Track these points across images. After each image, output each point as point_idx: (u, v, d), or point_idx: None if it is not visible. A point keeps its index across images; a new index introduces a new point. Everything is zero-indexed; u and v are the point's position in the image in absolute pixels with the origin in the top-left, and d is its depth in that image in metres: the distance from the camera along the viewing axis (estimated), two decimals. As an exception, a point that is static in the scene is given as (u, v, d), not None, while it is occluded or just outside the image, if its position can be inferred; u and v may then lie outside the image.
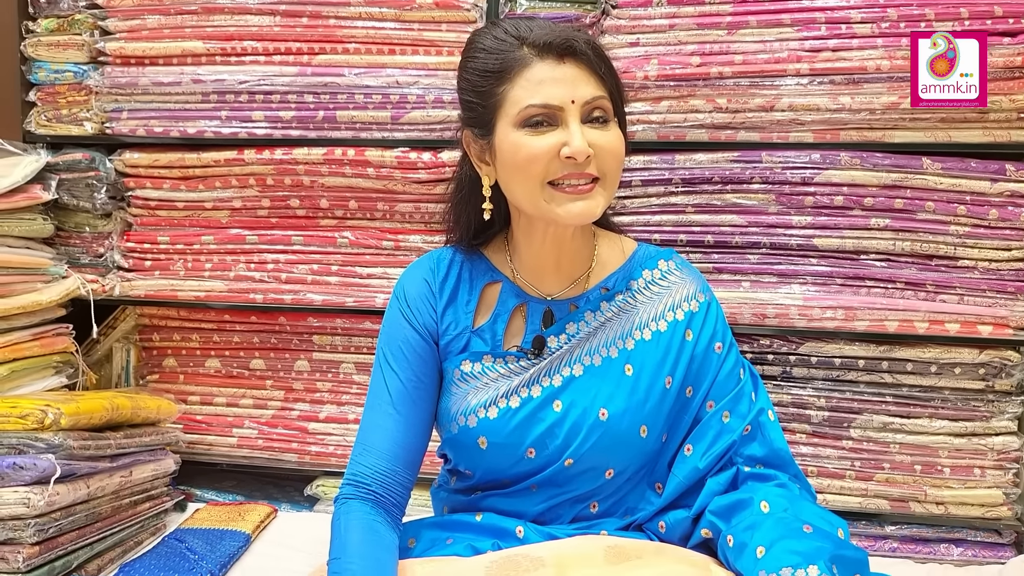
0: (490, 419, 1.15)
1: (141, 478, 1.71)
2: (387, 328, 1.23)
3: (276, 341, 2.01)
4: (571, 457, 1.14)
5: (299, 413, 2.01)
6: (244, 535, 1.71)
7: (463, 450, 1.18)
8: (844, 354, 1.74)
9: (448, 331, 1.20)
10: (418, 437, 1.19)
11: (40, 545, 1.43)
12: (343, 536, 1.11)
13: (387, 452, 1.16)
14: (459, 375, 1.18)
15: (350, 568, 1.06)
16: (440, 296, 1.21)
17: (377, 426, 1.17)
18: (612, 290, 1.21)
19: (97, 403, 1.60)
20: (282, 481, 2.09)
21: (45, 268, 1.86)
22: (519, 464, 1.16)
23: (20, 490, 1.41)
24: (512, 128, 1.10)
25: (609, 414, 1.14)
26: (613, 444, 1.14)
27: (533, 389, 1.16)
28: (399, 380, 1.18)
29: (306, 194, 1.91)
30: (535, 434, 1.14)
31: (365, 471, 1.16)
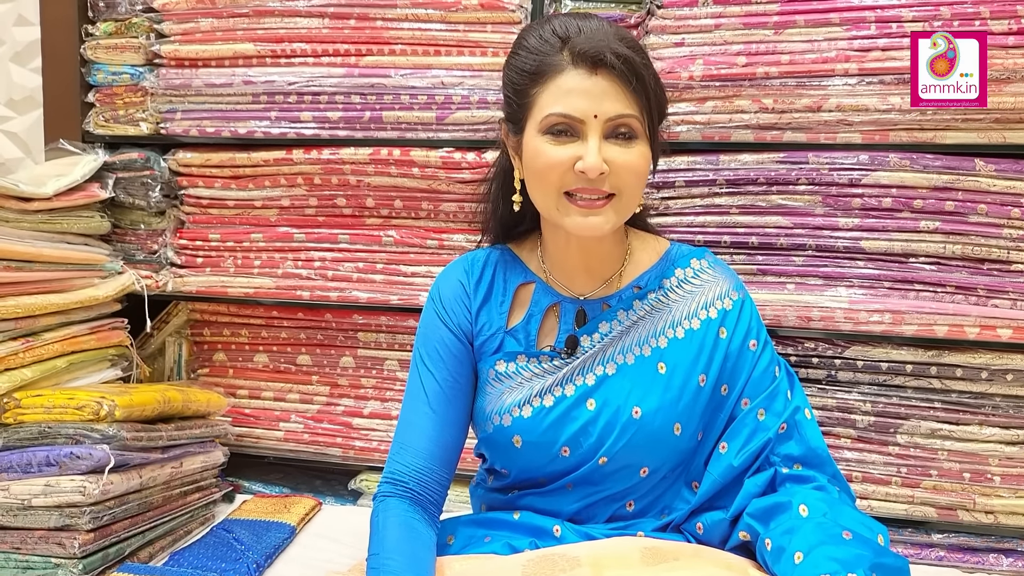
0: (524, 418, 1.16)
1: (191, 469, 1.76)
2: (423, 329, 1.25)
3: (322, 337, 2.05)
4: (605, 455, 1.15)
5: (344, 408, 2.04)
6: (289, 527, 1.75)
7: (498, 449, 1.19)
8: (891, 359, 1.71)
9: (483, 331, 1.22)
10: (454, 436, 1.21)
11: (95, 532, 1.48)
12: (381, 533, 1.13)
13: (424, 451, 1.17)
14: (493, 375, 1.20)
15: (388, 564, 1.08)
16: (475, 297, 1.23)
17: (414, 425, 1.19)
18: (645, 289, 1.22)
19: (149, 396, 1.65)
20: (327, 475, 2.13)
21: (102, 264, 1.91)
22: (554, 463, 1.17)
23: (76, 479, 1.46)
24: (536, 132, 1.11)
25: (643, 412, 1.15)
26: (647, 442, 1.15)
27: (567, 388, 1.17)
28: (435, 380, 1.20)
29: (352, 193, 1.94)
30: (569, 433, 1.15)
31: (403, 469, 1.17)
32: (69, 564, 1.45)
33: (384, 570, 1.07)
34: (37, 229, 1.75)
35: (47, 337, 1.72)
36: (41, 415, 1.53)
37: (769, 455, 1.16)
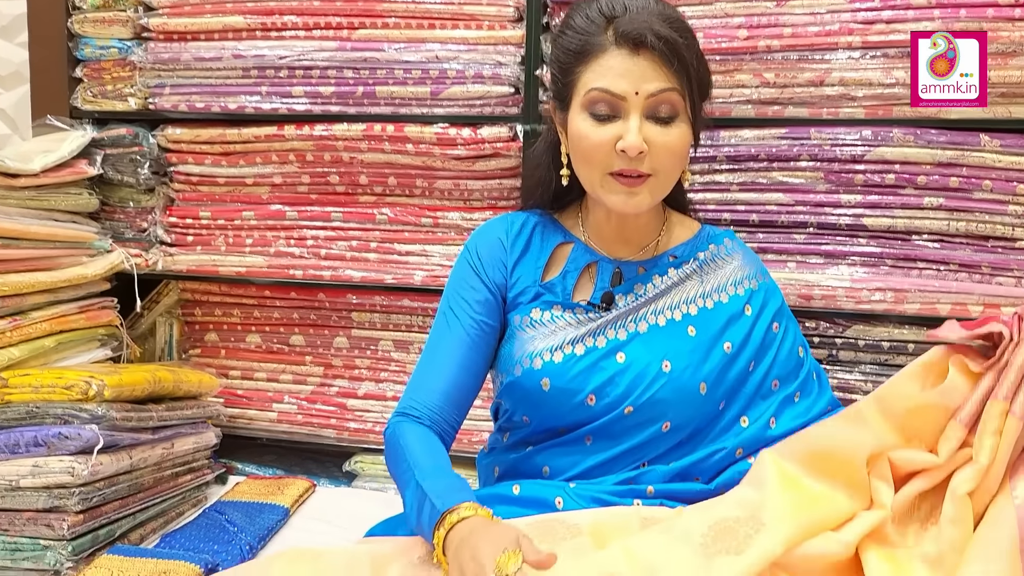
0: (555, 362, 1.18)
1: (183, 450, 1.73)
2: (455, 278, 1.28)
3: (315, 317, 2.02)
4: (631, 405, 1.16)
5: (338, 389, 2.02)
6: (283, 509, 1.73)
7: (524, 394, 1.19)
8: (893, 338, 1.68)
9: (517, 284, 1.25)
10: (471, 382, 1.23)
11: (84, 514, 1.46)
12: (401, 442, 1.14)
13: (440, 391, 1.20)
14: (527, 322, 1.22)
15: (421, 466, 1.08)
16: (511, 252, 1.26)
17: (433, 366, 1.22)
18: (680, 258, 1.26)
19: (139, 375, 1.62)
20: (321, 456, 2.11)
21: (90, 242, 1.88)
22: (578, 410, 1.17)
23: (65, 459, 1.44)
24: (580, 110, 1.15)
25: (672, 367, 1.17)
26: (673, 395, 1.16)
27: (598, 340, 1.19)
28: (461, 327, 1.22)
29: (345, 170, 1.90)
30: (597, 382, 1.17)
31: (416, 406, 1.19)
32: (58, 546, 1.43)
33: (420, 474, 1.06)
34: (24, 206, 1.72)
35: (35, 316, 1.70)
36: (29, 395, 1.50)
37: None
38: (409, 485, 1.08)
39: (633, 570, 0.91)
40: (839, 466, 0.99)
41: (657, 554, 0.89)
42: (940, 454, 0.99)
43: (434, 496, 1.02)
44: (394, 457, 1.16)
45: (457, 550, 0.92)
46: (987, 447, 0.96)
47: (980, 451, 0.96)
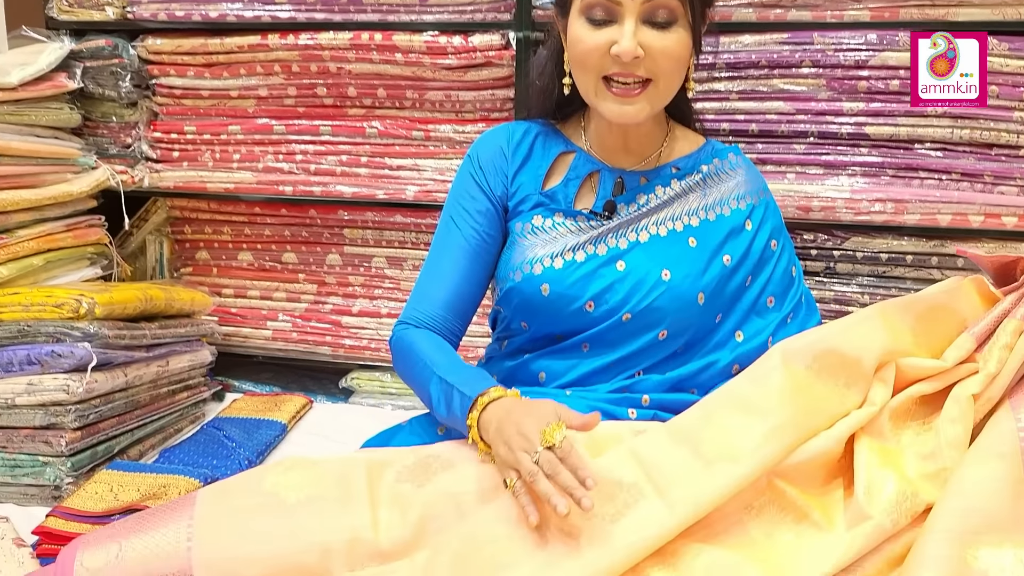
0: (555, 268, 1.18)
1: (178, 368, 1.73)
2: (456, 188, 1.27)
3: (307, 234, 2.00)
4: (630, 312, 1.16)
5: (332, 307, 2.01)
6: (280, 425, 1.74)
7: (523, 300, 1.20)
8: (891, 249, 1.67)
9: (518, 193, 1.24)
10: (473, 291, 1.24)
11: (82, 430, 1.46)
12: (412, 346, 1.16)
13: (443, 301, 1.21)
14: (528, 228, 1.21)
15: (437, 364, 1.11)
16: (512, 160, 1.25)
17: (436, 276, 1.23)
18: (683, 170, 1.25)
19: (130, 293, 1.60)
20: (317, 373, 2.11)
21: (74, 159, 1.84)
22: (576, 316, 1.18)
23: (59, 377, 1.43)
24: (578, 15, 1.13)
25: (671, 275, 1.18)
26: (672, 303, 1.17)
27: (599, 247, 1.19)
28: (462, 236, 1.23)
29: (333, 82, 1.84)
30: (596, 288, 1.17)
31: (420, 315, 1.21)
32: (57, 462, 1.44)
33: (440, 370, 1.10)
34: (3, 121, 1.67)
35: (21, 234, 1.67)
36: (19, 313, 1.49)
37: None
38: (431, 381, 1.10)
39: (631, 473, 0.92)
40: (848, 367, 0.98)
41: (655, 457, 0.90)
42: (947, 360, 0.99)
43: (461, 385, 1.05)
44: (406, 360, 1.17)
45: (499, 429, 0.95)
46: (995, 358, 0.96)
47: (988, 361, 0.97)
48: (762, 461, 0.90)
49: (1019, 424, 0.91)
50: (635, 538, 0.85)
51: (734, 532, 0.91)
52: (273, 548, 0.92)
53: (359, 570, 0.93)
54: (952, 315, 1.03)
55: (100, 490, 1.35)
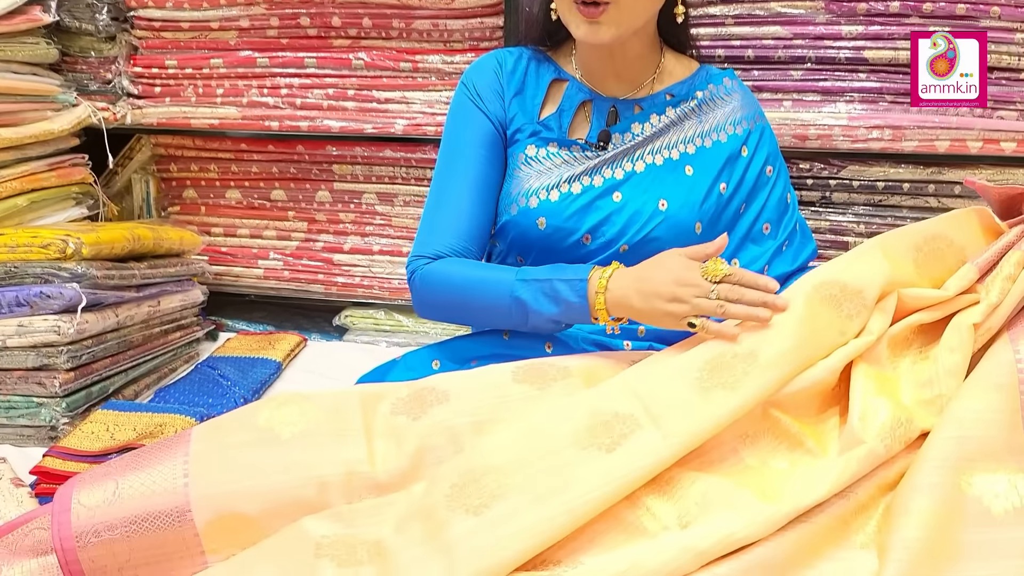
0: (551, 201, 1.17)
1: (169, 308, 1.72)
2: (454, 117, 1.24)
3: (296, 171, 1.96)
4: (627, 243, 1.16)
5: (323, 244, 1.99)
6: (275, 363, 1.74)
7: (519, 233, 1.18)
8: (888, 177, 1.65)
9: (515, 120, 1.21)
10: (488, 217, 1.21)
11: (75, 371, 1.46)
12: (449, 274, 1.14)
13: (460, 230, 1.17)
14: (523, 159, 1.20)
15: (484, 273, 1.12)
16: (508, 87, 1.22)
17: (447, 207, 1.19)
18: (678, 97, 1.23)
19: (118, 233, 1.58)
20: (311, 312, 2.11)
21: (54, 95, 1.79)
22: (574, 250, 1.17)
23: (50, 318, 1.42)
24: None
25: (668, 205, 1.17)
26: (669, 234, 1.16)
27: (595, 179, 1.18)
28: (469, 162, 1.19)
29: (316, 11, 1.79)
30: (593, 221, 1.16)
31: (439, 248, 1.17)
32: (51, 403, 1.44)
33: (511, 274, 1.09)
34: (-23, 58, 1.62)
35: (3, 174, 1.64)
36: (6, 255, 1.47)
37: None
38: (513, 289, 1.08)
39: (627, 404, 0.92)
40: (850, 298, 0.97)
41: (652, 387, 0.90)
42: (948, 289, 0.98)
43: (558, 276, 1.06)
44: (452, 287, 1.14)
45: (648, 292, 1.00)
46: (998, 288, 0.96)
47: (990, 291, 0.96)
48: (759, 391, 0.90)
49: (1017, 356, 0.91)
50: (631, 468, 0.85)
51: (729, 460, 0.92)
52: (270, 483, 0.92)
53: (357, 502, 0.93)
54: (954, 246, 1.02)
55: (96, 430, 1.35)
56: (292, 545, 0.88)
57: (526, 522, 0.82)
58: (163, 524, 0.90)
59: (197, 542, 0.91)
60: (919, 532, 0.80)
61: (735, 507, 0.83)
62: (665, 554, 0.80)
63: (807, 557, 0.82)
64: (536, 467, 0.88)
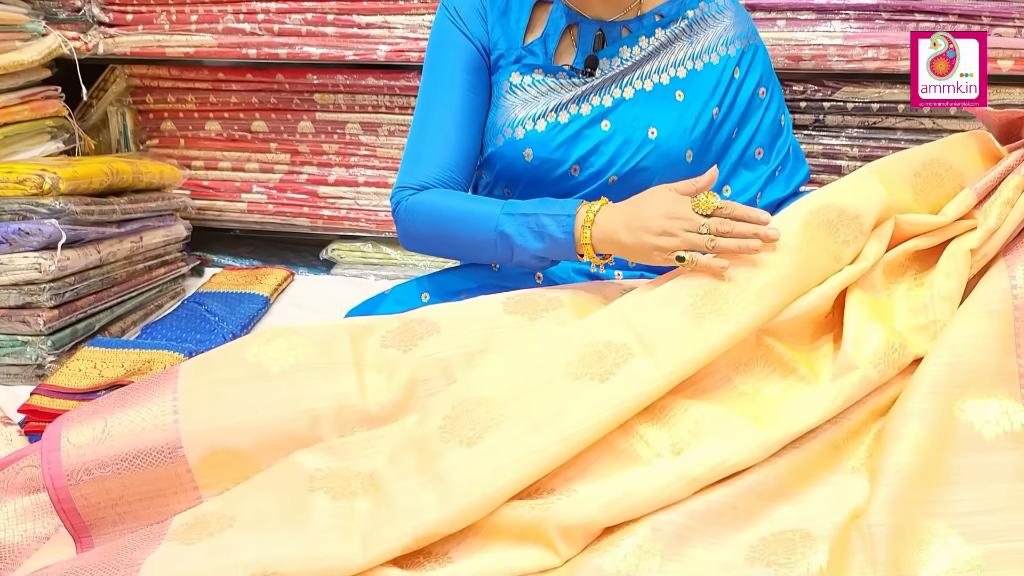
0: (537, 131, 1.13)
1: (152, 243, 1.70)
2: (436, 43, 1.19)
3: (276, 101, 1.91)
4: (616, 174, 1.13)
5: (308, 177, 1.95)
6: (263, 298, 1.72)
7: (506, 165, 1.16)
8: (883, 98, 1.62)
9: (498, 45, 1.17)
10: (474, 146, 1.17)
11: (59, 309, 1.44)
12: (435, 205, 1.11)
13: (446, 160, 1.14)
14: (508, 87, 1.15)
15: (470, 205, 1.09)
16: (490, 8, 1.17)
17: (432, 137, 1.15)
18: (667, 18, 1.18)
19: (95, 167, 1.54)
20: (297, 246, 2.08)
21: (21, 25, 1.72)
22: (561, 182, 1.15)
23: (30, 256, 1.40)
24: None
25: (658, 134, 1.14)
26: (659, 163, 1.14)
27: (583, 107, 1.14)
28: (452, 88, 1.15)
29: (292, -69, 1.71)
30: (581, 151, 1.13)
31: (424, 179, 1.14)
32: (37, 341, 1.42)
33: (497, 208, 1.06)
34: (-63, -15, 1.55)
35: (-27, 108, 1.59)
36: (-20, 191, 1.43)
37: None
38: (499, 223, 1.05)
39: (619, 333, 0.91)
40: (847, 223, 0.96)
41: (644, 316, 0.89)
42: (946, 215, 0.96)
43: (545, 211, 1.04)
44: (437, 219, 1.11)
45: (635, 227, 0.97)
46: (996, 213, 0.95)
47: (988, 217, 0.95)
48: (753, 319, 0.89)
49: (1013, 282, 0.90)
50: (624, 397, 0.85)
51: (722, 388, 0.92)
52: (261, 417, 0.92)
53: (349, 435, 0.93)
54: (952, 171, 1.00)
55: (84, 367, 1.34)
56: (286, 479, 0.89)
57: (520, 452, 0.82)
58: (155, 461, 0.90)
59: (190, 478, 0.91)
60: (910, 457, 0.80)
61: (728, 433, 0.83)
62: (659, 481, 0.80)
63: (799, 482, 0.83)
64: (529, 398, 0.88)
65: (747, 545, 0.77)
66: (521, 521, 0.80)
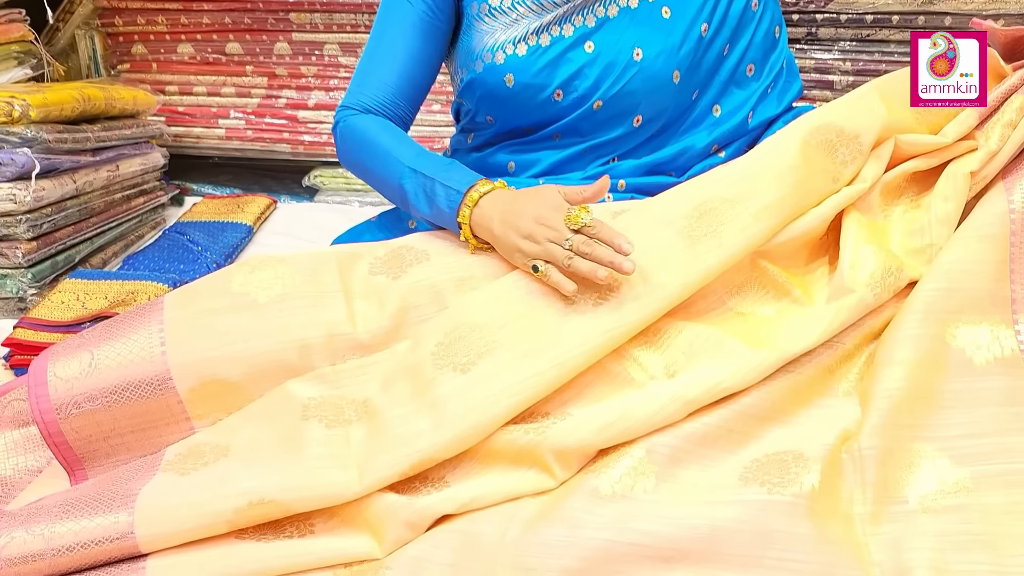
0: (518, 56, 1.09)
1: (129, 172, 1.66)
2: None
3: (250, 21, 1.84)
4: (601, 99, 1.09)
5: (286, 101, 1.90)
6: (246, 227, 1.70)
7: (486, 92, 1.12)
8: (877, 9, 1.58)
9: None
10: (424, 75, 1.14)
11: (37, 240, 1.41)
12: (366, 134, 1.08)
13: (392, 84, 1.11)
14: (486, 10, 1.10)
15: (391, 146, 1.05)
16: None
17: (382, 57, 1.12)
18: None
19: (66, 94, 1.49)
20: (278, 173, 2.04)
21: (-24, -57, 1.64)
22: (544, 107, 1.11)
23: (3, 187, 1.37)
24: None
25: (643, 55, 1.09)
26: (644, 86, 1.09)
27: (564, 28, 1.09)
28: (411, 9, 1.10)
29: None
30: (564, 75, 1.09)
31: (366, 100, 1.11)
32: (17, 274, 1.40)
33: (409, 160, 1.03)
34: None
35: (-69, 32, 1.52)
36: (-53, 120, 1.38)
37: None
38: (402, 175, 1.03)
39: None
40: (847, 143, 0.94)
41: (638, 239, 0.87)
42: (946, 135, 0.94)
43: (442, 179, 0.99)
44: (361, 150, 1.09)
45: (507, 222, 0.92)
46: (997, 135, 0.92)
47: (990, 138, 0.93)
48: (749, 241, 0.88)
49: (1011, 205, 0.89)
50: (619, 322, 0.84)
51: (716, 310, 0.91)
52: (250, 347, 0.91)
53: (340, 363, 0.92)
54: None
55: (67, 299, 1.32)
56: (279, 408, 0.88)
57: (515, 378, 0.82)
58: (144, 393, 0.89)
59: (181, 409, 0.90)
60: (901, 383, 0.81)
61: (722, 355, 0.83)
62: (654, 404, 0.80)
63: (792, 405, 0.83)
64: (522, 323, 0.87)
65: (741, 466, 0.77)
66: (517, 445, 0.81)
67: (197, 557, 0.78)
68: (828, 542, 0.71)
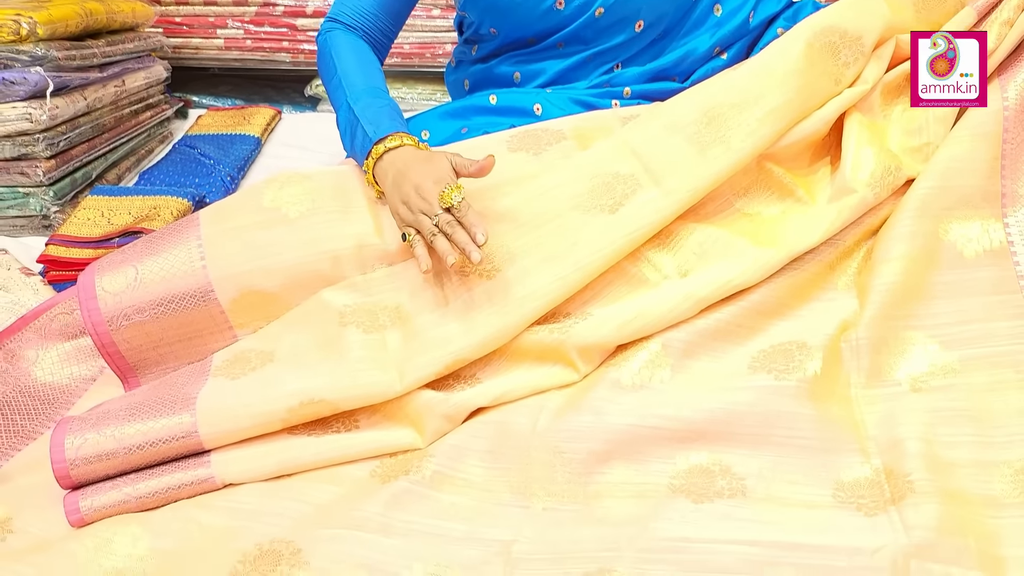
0: None
1: (135, 86, 1.67)
2: None
3: (245, -74, 1.81)
4: (602, 6, 1.10)
5: (284, 9, 1.88)
6: (254, 138, 1.72)
7: (489, 3, 1.13)
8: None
9: None
10: None
11: (55, 159, 1.44)
12: (332, 53, 1.10)
13: (374, 4, 1.13)
14: None
15: (350, 79, 1.07)
16: None
17: None
18: None
19: (68, 9, 1.48)
20: (279, 83, 2.05)
21: None
22: (547, 16, 1.12)
23: (19, 106, 1.38)
24: None
25: None
26: None
27: None
28: None
29: None
30: None
31: (349, 13, 1.13)
32: (39, 192, 1.43)
33: (351, 95, 1.05)
34: None
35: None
36: (-46, 39, 1.38)
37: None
38: (341, 107, 1.06)
39: (626, 164, 0.94)
40: (849, 44, 0.96)
41: (649, 146, 0.91)
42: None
43: (366, 122, 1.01)
44: (326, 70, 1.11)
45: (396, 184, 0.94)
46: (995, 33, 0.95)
47: (988, 36, 0.95)
48: (756, 145, 0.92)
49: (1005, 103, 0.93)
50: (635, 226, 0.89)
51: (724, 212, 0.96)
52: (285, 259, 0.95)
53: (370, 272, 0.97)
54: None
55: (91, 216, 1.36)
56: (317, 316, 0.94)
57: (539, 282, 0.87)
58: (189, 304, 0.94)
59: (224, 319, 0.95)
60: (896, 277, 0.86)
61: (731, 255, 0.88)
62: (668, 302, 0.86)
63: (796, 300, 0.89)
64: (542, 231, 0.92)
65: (749, 356, 0.84)
66: (542, 343, 0.87)
67: (256, 451, 0.84)
68: (829, 420, 0.79)
